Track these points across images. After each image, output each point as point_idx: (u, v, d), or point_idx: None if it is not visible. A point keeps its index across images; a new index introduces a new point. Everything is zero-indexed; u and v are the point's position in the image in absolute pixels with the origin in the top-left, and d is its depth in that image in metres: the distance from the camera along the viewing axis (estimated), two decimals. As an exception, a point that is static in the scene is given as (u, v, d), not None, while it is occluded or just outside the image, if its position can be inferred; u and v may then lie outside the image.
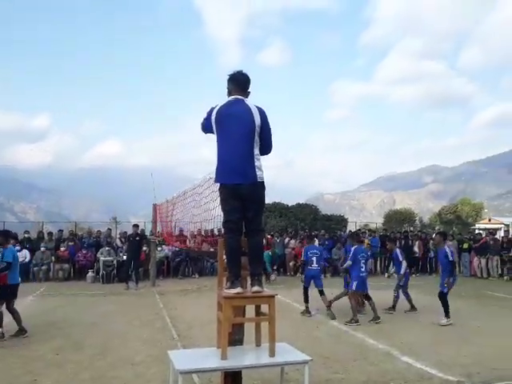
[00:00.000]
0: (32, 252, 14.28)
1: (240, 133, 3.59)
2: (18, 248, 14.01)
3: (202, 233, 14.74)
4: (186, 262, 15.31)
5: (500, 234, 19.76)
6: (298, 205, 30.32)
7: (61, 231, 16.69)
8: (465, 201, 56.48)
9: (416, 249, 16.27)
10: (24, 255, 13.98)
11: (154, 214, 14.36)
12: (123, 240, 15.82)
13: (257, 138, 3.66)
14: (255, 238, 3.77)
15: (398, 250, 9.50)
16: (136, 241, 12.97)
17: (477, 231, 24.61)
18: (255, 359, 3.58)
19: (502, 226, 39.94)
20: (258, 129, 3.65)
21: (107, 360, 5.71)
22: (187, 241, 14.46)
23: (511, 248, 15.57)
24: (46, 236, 15.83)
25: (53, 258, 14.63)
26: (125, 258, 13.64)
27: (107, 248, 14.62)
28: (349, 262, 8.44)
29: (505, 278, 15.01)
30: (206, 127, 3.82)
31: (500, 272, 15.51)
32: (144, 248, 13.82)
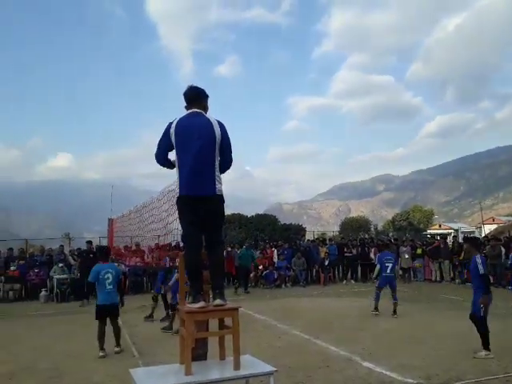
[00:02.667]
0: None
1: (200, 144, 3.56)
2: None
3: (160, 246, 14.47)
4: (145, 277, 14.97)
5: (449, 239, 20.61)
6: (258, 215, 30.49)
7: (10, 249, 15.88)
8: (416, 208, 58.79)
9: (372, 255, 16.69)
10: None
11: (109, 228, 13.98)
12: (75, 257, 15.29)
13: (217, 151, 3.66)
14: (216, 250, 3.74)
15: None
16: (90, 257, 12.56)
17: (429, 237, 25.61)
18: (220, 373, 3.53)
19: (452, 231, 41.83)
20: (218, 142, 3.65)
21: (64, 382, 5.47)
22: (145, 256, 14.15)
23: (461, 252, 16.27)
24: (-6, 255, 15.03)
25: (2, 277, 13.90)
26: (79, 275, 13.16)
27: (60, 265, 14.06)
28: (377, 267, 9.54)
29: (456, 281, 15.65)
30: (163, 144, 3.72)
31: (452, 276, 16.18)
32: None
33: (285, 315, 9.74)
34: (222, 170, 3.74)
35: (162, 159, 3.79)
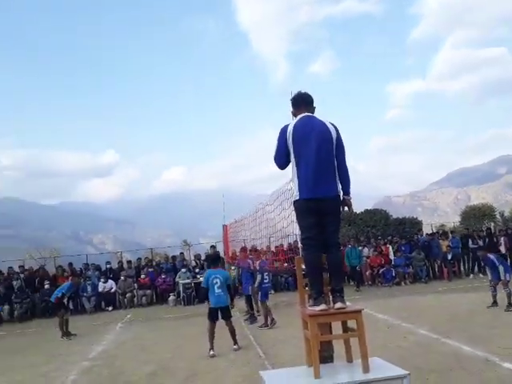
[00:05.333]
0: (116, 281, 15.12)
1: (319, 146, 3.59)
2: (102, 279, 14.93)
3: (273, 249, 14.78)
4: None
5: None
6: (367, 211, 29.54)
7: (139, 259, 17.51)
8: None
9: (502, 246, 15.23)
10: (110, 285, 14.86)
11: (223, 234, 14.65)
12: (197, 262, 16.35)
13: (334, 153, 3.67)
14: (334, 252, 3.73)
15: (492, 256, 9.10)
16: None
17: None
18: (349, 376, 3.49)
19: None
20: (334, 144, 3.67)
21: (199, 382, 5.85)
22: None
23: None
24: (125, 265, 16.69)
25: (135, 285, 15.36)
26: (201, 279, 13.98)
27: (184, 271, 15.11)
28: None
29: None
30: (280, 149, 3.78)
31: None
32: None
33: (409, 314, 9.30)
34: (342, 175, 3.71)
35: (283, 164, 3.84)
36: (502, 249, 15.23)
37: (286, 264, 11.91)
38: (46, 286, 14.20)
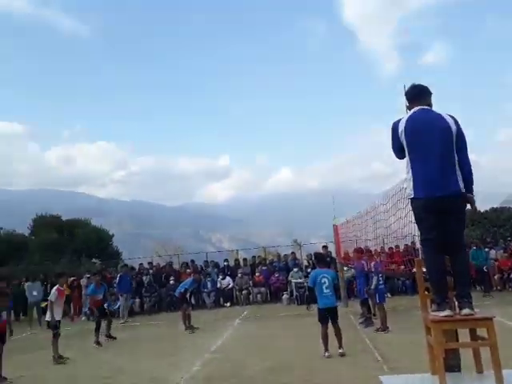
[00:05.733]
0: (233, 278, 15.88)
1: (438, 141, 3.40)
2: (221, 276, 15.78)
3: (387, 251, 14.26)
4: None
5: None
6: (493, 209, 26.96)
7: (254, 257, 18.13)
8: None
9: None
10: (227, 281, 15.65)
11: (334, 234, 14.52)
12: (309, 262, 16.41)
13: (455, 148, 3.45)
14: (459, 254, 3.50)
15: None
16: (327, 261, 13.27)
17: None
18: (481, 388, 3.28)
19: None
20: (454, 138, 3.45)
21: (315, 381, 5.90)
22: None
23: None
24: (241, 262, 17.42)
25: (250, 282, 15.95)
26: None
27: (296, 270, 15.29)
28: None
29: None
30: (395, 145, 3.65)
31: None
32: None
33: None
34: (465, 171, 3.47)
35: (402, 158, 3.69)
36: None
37: (402, 266, 11.40)
38: (171, 282, 15.45)
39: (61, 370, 7.76)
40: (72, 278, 16.10)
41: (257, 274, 16.07)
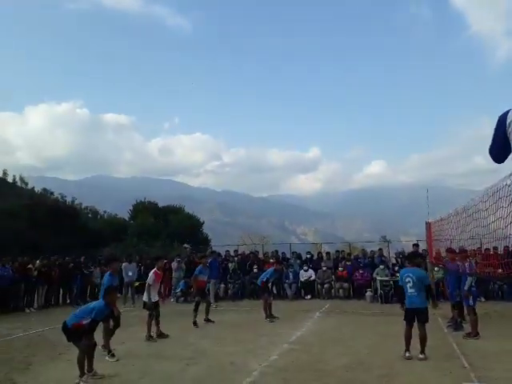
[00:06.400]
0: (315, 271, 15.77)
1: None
2: (305, 267, 15.77)
3: (483, 251, 13.17)
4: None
5: None
6: None
7: (338, 252, 17.83)
8: None
9: None
10: (310, 274, 15.62)
11: (427, 232, 13.74)
12: (398, 260, 15.75)
13: None
14: None
15: None
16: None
17: None
18: None
19: None
20: None
21: (393, 383, 5.68)
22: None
23: None
24: (324, 256, 17.22)
25: (333, 276, 15.73)
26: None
27: (382, 267, 14.76)
28: None
29: None
30: (496, 140, 3.21)
31: None
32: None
33: None
34: None
35: (501, 158, 3.28)
36: None
37: (500, 270, 10.47)
38: (255, 270, 15.77)
39: (150, 347, 8.31)
40: (164, 261, 17.10)
41: (340, 269, 15.79)
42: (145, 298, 9.05)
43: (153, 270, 9.24)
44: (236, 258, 17.48)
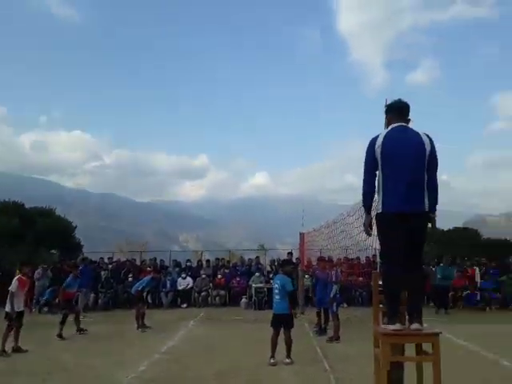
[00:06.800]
0: (194, 279, 15.63)
1: (412, 159, 3.42)
2: (183, 275, 15.52)
3: (349, 262, 14.37)
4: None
5: None
6: (455, 229, 27.66)
7: (218, 259, 17.95)
8: None
9: None
10: (187, 282, 15.40)
11: (301, 242, 14.53)
12: (272, 267, 16.38)
13: (426, 167, 3.47)
14: (416, 271, 3.54)
15: None
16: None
17: None
18: (419, 404, 3.25)
19: None
20: (427, 157, 3.47)
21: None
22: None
23: None
24: (204, 264, 17.19)
25: (211, 284, 15.76)
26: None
27: (257, 274, 15.21)
28: None
29: None
30: (367, 162, 3.57)
31: None
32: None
33: (492, 342, 8.48)
34: (431, 190, 3.49)
35: (369, 187, 3.60)
36: None
37: (361, 278, 11.48)
38: (130, 279, 15.08)
39: (2, 363, 7.38)
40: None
41: (219, 277, 15.91)
42: (7, 307, 8.12)
43: (17, 277, 8.34)
44: (110, 266, 16.54)
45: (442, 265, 14.41)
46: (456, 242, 25.07)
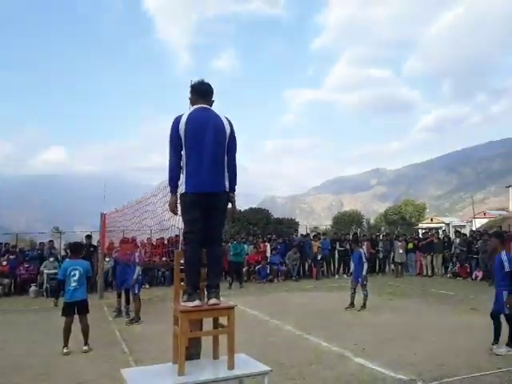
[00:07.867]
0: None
1: (212, 141, 3.50)
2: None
3: (153, 242, 14.34)
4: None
5: (440, 233, 20.70)
6: (251, 209, 30.37)
7: (1, 244, 15.69)
8: (408, 202, 58.98)
9: (365, 250, 16.74)
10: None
11: (101, 223, 13.84)
12: (68, 251, 15.15)
13: (226, 149, 3.61)
14: (215, 248, 3.69)
15: (362, 251, 9.91)
16: (90, 251, 12.81)
17: (420, 231, 25.67)
18: (213, 373, 3.47)
19: (443, 225, 42.09)
20: (227, 139, 3.61)
21: (52, 381, 5.39)
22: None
23: (451, 246, 16.46)
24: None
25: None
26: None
27: (51, 259, 13.91)
28: None
29: (448, 275, 15.81)
30: (172, 140, 3.58)
31: (443, 270, 16.34)
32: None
33: (277, 310, 9.73)
34: (230, 171, 3.67)
35: (175, 167, 3.59)
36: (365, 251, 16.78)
37: (164, 258, 11.60)
38: None
39: None
40: None
41: (4, 263, 13.95)
42: None
43: None
44: None
45: (234, 242, 15.64)
46: (251, 220, 27.67)
